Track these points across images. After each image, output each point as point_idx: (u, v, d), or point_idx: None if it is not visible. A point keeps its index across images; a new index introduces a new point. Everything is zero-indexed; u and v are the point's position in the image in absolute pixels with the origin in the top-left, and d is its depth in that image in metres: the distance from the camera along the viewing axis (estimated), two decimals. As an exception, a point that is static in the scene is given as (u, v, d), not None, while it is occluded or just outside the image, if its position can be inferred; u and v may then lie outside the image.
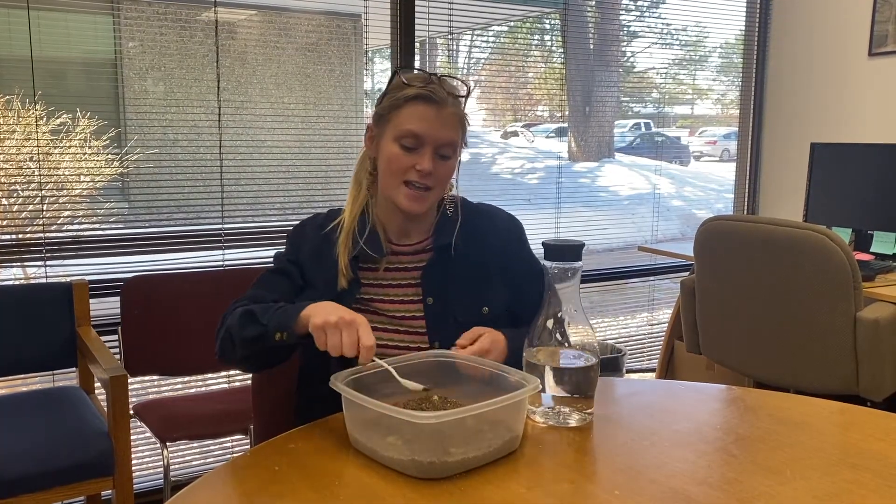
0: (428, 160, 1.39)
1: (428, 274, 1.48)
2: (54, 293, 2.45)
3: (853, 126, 3.47)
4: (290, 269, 1.51)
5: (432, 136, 1.39)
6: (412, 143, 1.40)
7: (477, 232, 1.53)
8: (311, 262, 1.50)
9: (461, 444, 1.08)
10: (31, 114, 2.47)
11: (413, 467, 1.07)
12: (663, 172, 4.11)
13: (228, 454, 2.92)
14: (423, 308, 1.47)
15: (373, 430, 1.14)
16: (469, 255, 1.50)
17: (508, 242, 1.56)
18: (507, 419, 1.14)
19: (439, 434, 1.07)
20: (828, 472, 1.09)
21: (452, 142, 1.42)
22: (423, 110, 1.39)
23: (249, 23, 2.83)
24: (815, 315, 2.30)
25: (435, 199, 1.47)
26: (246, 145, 2.82)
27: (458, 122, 1.44)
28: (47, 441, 2.08)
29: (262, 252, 2.86)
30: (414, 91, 1.40)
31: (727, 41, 4.00)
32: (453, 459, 1.08)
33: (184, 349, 2.61)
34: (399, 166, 1.41)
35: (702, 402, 1.43)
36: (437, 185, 1.43)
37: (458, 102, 1.43)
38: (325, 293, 1.44)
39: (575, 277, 1.23)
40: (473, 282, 1.50)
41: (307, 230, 1.54)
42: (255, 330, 1.32)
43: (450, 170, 1.45)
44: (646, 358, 3.92)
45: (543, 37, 3.83)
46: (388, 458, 1.10)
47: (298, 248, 1.52)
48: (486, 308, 1.48)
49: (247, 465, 1.16)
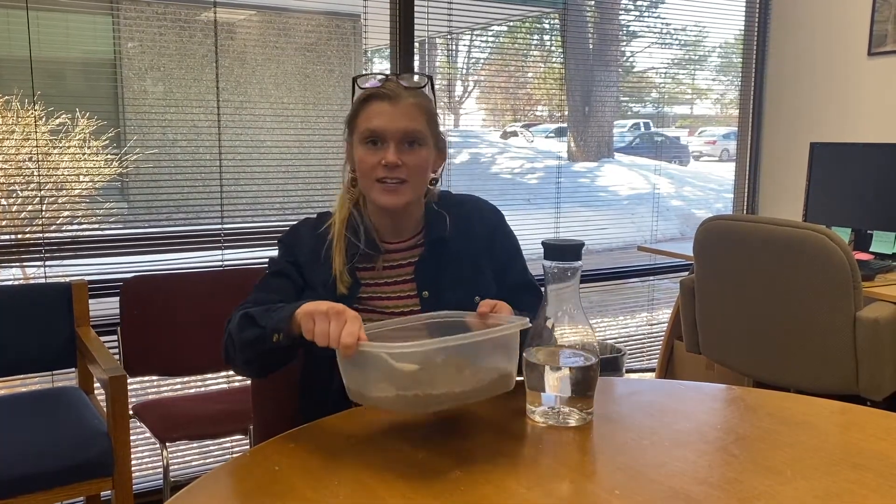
0: (391, 153, 1.41)
1: (421, 268, 1.50)
2: (53, 293, 2.45)
3: (853, 126, 3.47)
4: (289, 270, 1.51)
5: (391, 129, 1.42)
6: (375, 140, 1.43)
7: (463, 222, 1.55)
8: (309, 264, 1.50)
9: (444, 383, 1.10)
10: (31, 114, 2.47)
11: (400, 402, 1.10)
12: (663, 172, 4.12)
13: (228, 454, 2.92)
14: (420, 302, 1.48)
15: (361, 375, 1.15)
16: (458, 246, 1.53)
17: (494, 229, 1.59)
18: (494, 357, 1.16)
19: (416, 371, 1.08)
20: (829, 471, 1.09)
21: (414, 130, 1.43)
22: (377, 107, 1.43)
23: (249, 23, 2.83)
24: (814, 315, 2.30)
25: (414, 193, 1.47)
26: (245, 145, 2.82)
27: (420, 111, 1.45)
28: (47, 441, 2.08)
29: (262, 252, 2.86)
30: (367, 92, 1.45)
31: (727, 41, 4.00)
32: (438, 392, 1.09)
33: (183, 349, 2.61)
34: (367, 165, 1.44)
35: (702, 401, 1.43)
36: (411, 176, 1.44)
37: (417, 94, 1.46)
38: (325, 297, 1.44)
39: (575, 277, 1.23)
40: (464, 272, 1.52)
41: (301, 231, 1.54)
42: (254, 333, 1.31)
43: (422, 159, 1.45)
44: (645, 358, 3.92)
45: (543, 37, 3.83)
46: (375, 398, 1.13)
47: (296, 250, 1.52)
48: (477, 297, 1.48)
49: (246, 465, 1.16)
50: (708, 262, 2.60)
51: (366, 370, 1.15)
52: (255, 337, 1.31)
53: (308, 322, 1.19)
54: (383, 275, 1.51)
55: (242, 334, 1.33)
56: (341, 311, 1.17)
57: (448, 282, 1.50)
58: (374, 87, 1.44)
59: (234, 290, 2.69)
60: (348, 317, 1.16)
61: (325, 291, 1.46)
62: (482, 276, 1.53)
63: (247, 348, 1.33)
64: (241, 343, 1.34)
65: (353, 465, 1.12)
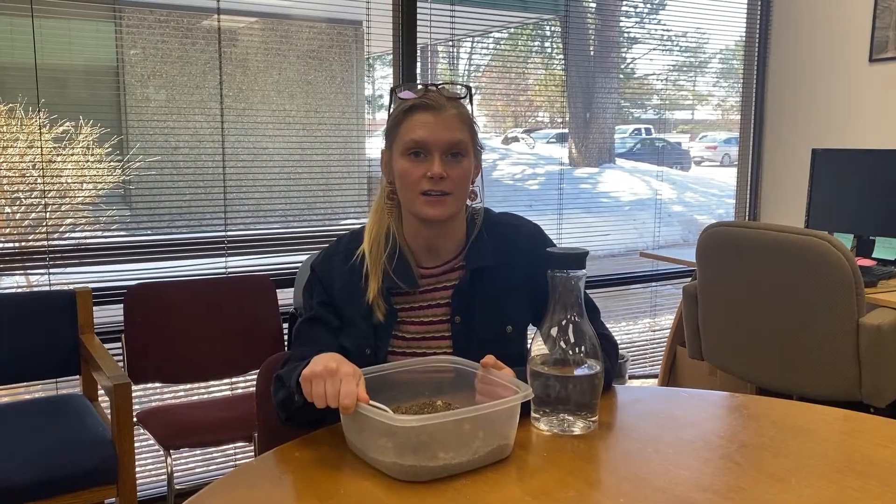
0: (437, 164, 1.38)
1: (458, 295, 1.46)
2: (58, 301, 2.45)
3: (854, 132, 3.48)
4: (324, 315, 1.46)
5: (435, 140, 1.39)
6: (419, 152, 1.39)
7: (502, 246, 1.50)
8: (345, 299, 1.47)
9: (447, 450, 1.09)
10: (35, 121, 2.48)
11: (396, 469, 1.09)
12: (664, 178, 4.12)
13: (231, 461, 2.92)
14: (451, 327, 1.45)
15: (364, 431, 1.15)
16: (496, 271, 1.48)
17: (532, 254, 1.49)
18: (496, 426, 1.14)
19: (420, 437, 1.07)
20: (833, 479, 1.09)
21: (459, 141, 1.41)
22: (422, 118, 1.39)
23: (251, 30, 2.84)
24: (817, 321, 2.30)
25: (457, 205, 1.43)
26: (248, 152, 2.83)
27: (462, 122, 1.42)
28: (51, 449, 2.08)
29: (265, 259, 2.86)
30: (410, 103, 1.41)
31: (727, 46, 4.01)
32: (436, 464, 1.08)
33: (187, 356, 2.61)
34: (411, 178, 1.39)
35: (705, 409, 1.44)
36: (454, 188, 1.40)
37: (458, 104, 1.43)
38: (364, 328, 1.44)
39: (579, 285, 1.24)
40: (499, 299, 1.48)
41: (334, 264, 1.49)
42: (283, 394, 1.32)
43: (465, 171, 1.42)
44: (648, 364, 3.92)
45: (544, 43, 3.84)
46: (373, 459, 1.12)
47: (329, 286, 1.48)
48: (509, 327, 1.47)
49: (252, 473, 1.16)
50: (710, 268, 2.61)
51: (364, 433, 1.15)
52: (284, 398, 1.32)
53: (307, 386, 1.18)
54: (419, 299, 1.47)
55: (275, 397, 1.35)
56: (334, 371, 1.15)
57: (482, 309, 1.46)
58: (416, 97, 1.41)
59: (238, 297, 2.71)
60: (342, 376, 1.14)
61: (363, 324, 1.44)
62: (518, 304, 1.49)
63: (283, 409, 1.34)
64: (276, 404, 1.35)
65: (358, 473, 1.12)
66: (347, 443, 1.20)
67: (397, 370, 1.28)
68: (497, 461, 1.14)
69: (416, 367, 1.30)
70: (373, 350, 1.44)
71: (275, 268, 2.86)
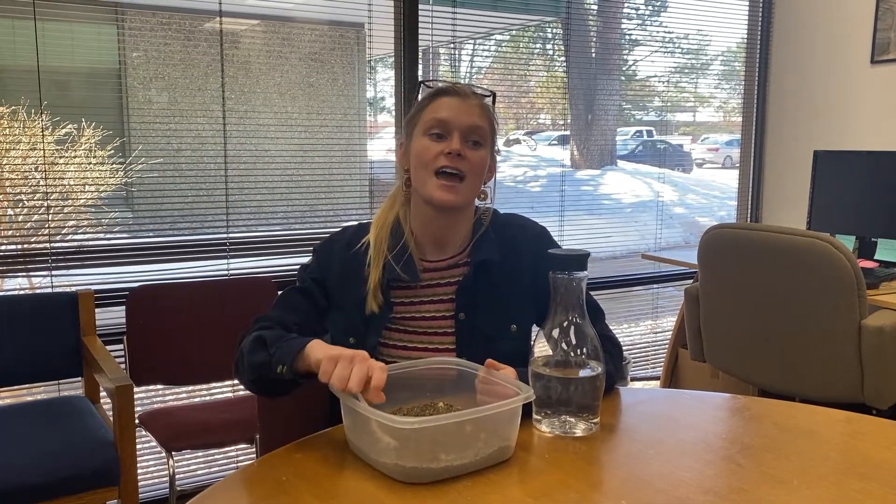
0: (457, 141, 1.39)
1: (463, 290, 1.46)
2: (60, 303, 2.46)
3: (856, 133, 3.48)
4: (313, 290, 1.47)
5: (458, 121, 1.40)
6: (440, 130, 1.41)
7: (508, 245, 1.50)
8: (338, 284, 1.47)
9: (448, 451, 1.09)
10: (37, 124, 2.49)
11: (397, 471, 1.09)
12: (666, 180, 4.12)
13: (233, 463, 2.92)
14: (455, 324, 1.45)
15: (365, 433, 1.14)
16: (501, 270, 1.48)
17: (538, 255, 1.48)
18: (497, 428, 1.14)
19: (421, 439, 1.07)
20: (835, 481, 1.09)
21: (480, 128, 1.42)
22: (447, 101, 1.43)
23: (253, 32, 2.84)
24: (819, 323, 2.30)
25: (469, 193, 1.44)
26: (250, 154, 2.83)
27: (485, 112, 1.44)
28: (53, 451, 2.08)
29: (267, 261, 2.87)
30: (437, 88, 1.45)
31: (729, 48, 4.01)
32: (438, 466, 1.08)
33: (189, 358, 2.61)
34: (430, 154, 1.40)
35: (707, 411, 1.43)
36: (469, 173, 1.41)
37: (482, 99, 1.46)
38: (354, 316, 1.43)
39: (580, 287, 1.24)
40: (504, 298, 1.48)
41: (335, 248, 1.50)
42: (261, 357, 1.30)
43: (481, 159, 1.43)
44: (650, 366, 3.92)
45: (545, 45, 3.84)
46: (375, 460, 1.12)
47: (326, 267, 1.48)
48: (514, 326, 1.47)
49: (254, 475, 1.16)
50: (712, 270, 2.61)
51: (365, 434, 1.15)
52: (262, 363, 1.30)
53: (329, 364, 1.16)
54: (420, 293, 1.47)
55: (252, 356, 1.32)
56: (366, 358, 1.15)
57: (486, 307, 1.46)
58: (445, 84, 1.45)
59: (240, 298, 2.71)
60: (371, 363, 1.15)
61: (354, 311, 1.44)
62: (522, 303, 1.49)
63: (254, 370, 1.32)
64: (249, 364, 1.33)
65: (359, 475, 1.12)
66: (349, 444, 1.20)
67: (399, 370, 1.28)
68: (499, 463, 1.14)
69: (418, 367, 1.31)
70: (359, 340, 1.43)
71: (277, 270, 2.86)
